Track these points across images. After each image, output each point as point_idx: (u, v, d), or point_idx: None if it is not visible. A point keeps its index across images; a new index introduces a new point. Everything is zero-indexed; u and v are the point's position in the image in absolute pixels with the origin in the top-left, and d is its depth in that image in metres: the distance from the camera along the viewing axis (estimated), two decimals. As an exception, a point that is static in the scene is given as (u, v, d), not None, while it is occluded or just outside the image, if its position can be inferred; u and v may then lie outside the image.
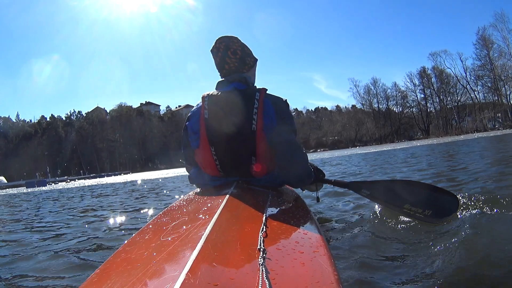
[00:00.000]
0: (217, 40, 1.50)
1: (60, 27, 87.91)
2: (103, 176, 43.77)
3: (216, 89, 1.48)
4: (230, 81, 1.46)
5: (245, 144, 1.36)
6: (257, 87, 1.46)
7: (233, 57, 1.49)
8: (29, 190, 21.98)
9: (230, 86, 1.44)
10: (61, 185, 23.87)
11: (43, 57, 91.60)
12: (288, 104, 1.46)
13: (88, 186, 15.00)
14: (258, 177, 1.40)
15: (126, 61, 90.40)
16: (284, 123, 1.38)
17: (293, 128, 1.44)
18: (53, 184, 34.18)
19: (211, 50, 1.52)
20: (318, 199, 1.95)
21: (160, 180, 12.61)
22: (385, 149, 20.45)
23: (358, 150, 26.70)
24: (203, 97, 1.45)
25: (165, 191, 6.57)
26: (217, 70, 1.56)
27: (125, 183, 13.30)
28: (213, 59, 1.55)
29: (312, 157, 19.61)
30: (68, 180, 40.96)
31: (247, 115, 1.35)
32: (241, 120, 1.35)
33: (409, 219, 1.77)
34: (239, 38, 1.52)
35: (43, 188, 22.94)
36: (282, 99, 1.45)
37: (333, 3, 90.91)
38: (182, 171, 19.20)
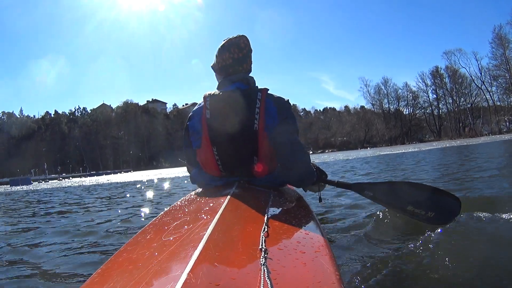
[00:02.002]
0: (242, 37, 1.46)
1: (68, 25, 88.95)
2: (101, 174, 43.19)
3: (217, 88, 1.48)
4: (233, 81, 1.45)
5: (247, 144, 1.35)
6: (258, 87, 1.45)
7: (250, 60, 1.50)
8: (12, 188, 21.38)
9: (232, 86, 1.43)
10: (51, 184, 23.04)
11: (51, 54, 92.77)
12: (290, 104, 1.45)
13: (68, 187, 13.91)
14: (259, 177, 1.40)
15: (133, 59, 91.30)
16: (286, 123, 1.37)
17: (296, 128, 1.43)
18: (43, 182, 33.43)
19: (235, 45, 1.44)
20: (320, 200, 1.94)
21: (158, 180, 12.34)
22: (411, 150, 18.49)
23: (379, 151, 24.65)
24: (204, 97, 1.44)
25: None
26: (219, 67, 1.49)
27: (103, 186, 11.55)
28: (222, 55, 1.46)
29: (321, 158, 18.84)
30: (61, 178, 40.15)
31: (249, 115, 1.35)
32: (243, 119, 1.35)
33: (411, 221, 1.76)
34: None
35: (17, 187, 22.13)
36: (284, 99, 1.44)
37: (340, 2, 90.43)
38: (182, 171, 18.90)
